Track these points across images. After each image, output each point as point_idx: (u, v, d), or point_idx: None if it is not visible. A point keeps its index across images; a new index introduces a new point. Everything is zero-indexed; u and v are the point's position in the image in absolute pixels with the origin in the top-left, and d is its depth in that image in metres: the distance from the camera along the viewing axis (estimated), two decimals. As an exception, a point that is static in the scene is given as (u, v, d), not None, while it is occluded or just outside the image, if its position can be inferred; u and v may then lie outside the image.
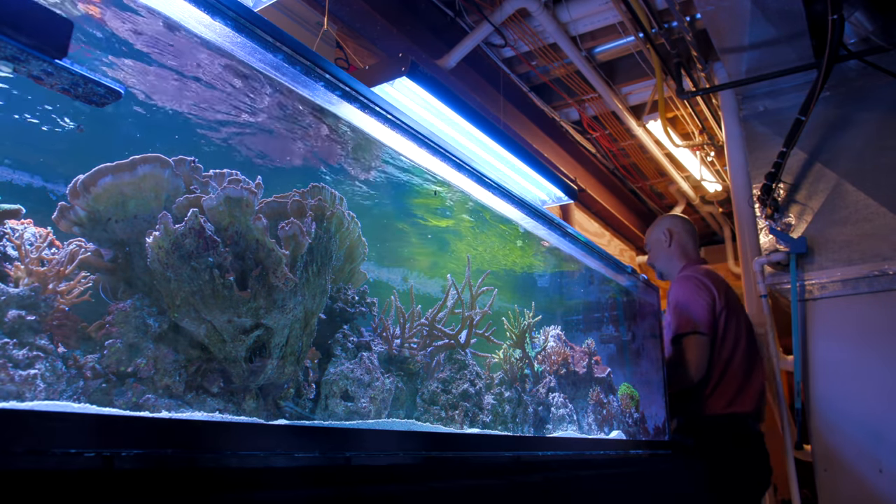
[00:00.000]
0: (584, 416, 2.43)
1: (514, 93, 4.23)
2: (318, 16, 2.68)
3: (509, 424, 1.94)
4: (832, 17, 2.65)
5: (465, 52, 3.44)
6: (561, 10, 3.61)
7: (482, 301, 1.93)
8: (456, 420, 1.70)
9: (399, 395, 1.63)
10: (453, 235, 2.80)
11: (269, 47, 1.26)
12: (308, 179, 1.43)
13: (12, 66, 0.83)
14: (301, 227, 1.26)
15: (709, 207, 6.18)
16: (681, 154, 5.03)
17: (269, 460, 1.04)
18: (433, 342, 1.80)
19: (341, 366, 1.44)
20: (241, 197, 1.19)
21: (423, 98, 2.29)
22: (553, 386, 2.30)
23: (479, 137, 2.52)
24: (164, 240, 1.12)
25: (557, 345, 2.48)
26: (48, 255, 1.16)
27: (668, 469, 2.45)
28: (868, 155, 3.43)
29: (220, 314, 1.17)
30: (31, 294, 1.07)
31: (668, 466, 2.49)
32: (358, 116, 1.53)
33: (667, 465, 2.50)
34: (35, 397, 0.98)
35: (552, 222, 2.36)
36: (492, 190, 2.04)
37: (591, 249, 2.67)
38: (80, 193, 1.18)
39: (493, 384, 1.98)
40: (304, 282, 1.29)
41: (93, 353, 1.12)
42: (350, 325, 1.57)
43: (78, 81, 0.89)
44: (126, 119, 1.52)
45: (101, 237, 1.23)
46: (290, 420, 1.29)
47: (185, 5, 1.13)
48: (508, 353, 2.17)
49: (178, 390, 1.13)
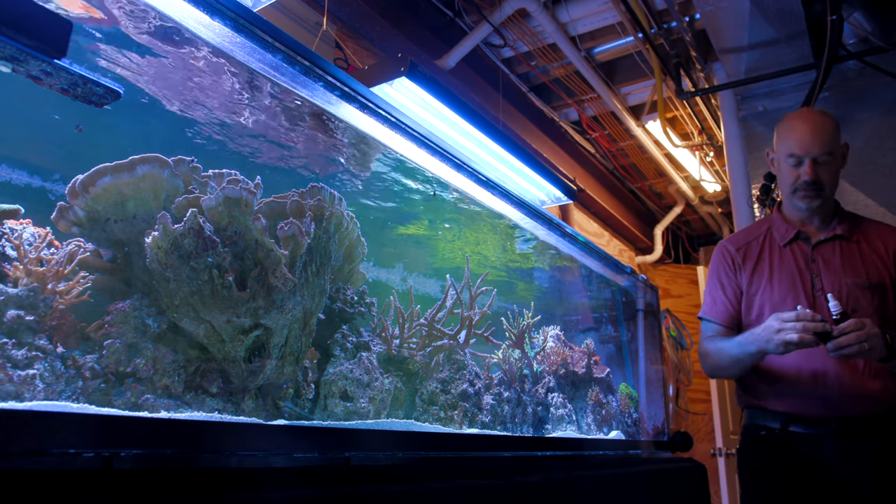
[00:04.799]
0: (583, 416, 2.44)
1: (513, 93, 4.23)
2: (318, 16, 2.68)
3: (508, 424, 1.95)
4: (831, 17, 2.65)
5: (464, 52, 3.44)
6: (560, 11, 3.62)
7: (481, 301, 1.93)
8: (455, 420, 1.70)
9: (398, 396, 1.63)
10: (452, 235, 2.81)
11: (269, 47, 1.26)
12: (307, 179, 1.44)
13: (11, 66, 0.83)
14: (300, 227, 1.26)
15: (708, 207, 6.18)
16: (680, 154, 5.03)
17: (268, 460, 1.04)
18: (432, 342, 1.80)
19: (340, 366, 1.44)
20: (240, 197, 1.19)
21: (422, 98, 2.29)
22: (552, 386, 2.30)
23: (479, 137, 2.52)
24: (163, 240, 1.12)
25: (556, 345, 2.49)
26: (47, 255, 1.16)
27: (668, 469, 2.46)
28: (867, 155, 3.43)
29: (219, 314, 1.17)
30: (29, 294, 1.07)
31: (668, 466, 2.49)
32: (357, 116, 1.53)
33: (666, 465, 2.50)
34: (34, 397, 0.98)
35: (551, 222, 2.36)
36: (491, 190, 2.05)
37: (591, 249, 2.68)
38: (79, 193, 1.18)
39: (493, 384, 1.98)
40: (303, 282, 1.29)
41: (92, 353, 1.12)
42: (349, 325, 1.57)
43: (77, 81, 0.89)
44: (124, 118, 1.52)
45: (101, 237, 1.23)
46: (289, 420, 1.30)
47: (185, 5, 1.13)
48: (507, 354, 2.18)
49: (177, 390, 1.13)
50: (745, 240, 2.06)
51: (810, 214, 1.93)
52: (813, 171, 1.83)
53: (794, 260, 1.93)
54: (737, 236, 2.11)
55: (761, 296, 1.95)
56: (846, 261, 1.87)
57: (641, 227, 6.30)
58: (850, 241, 1.89)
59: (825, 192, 1.86)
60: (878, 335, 1.58)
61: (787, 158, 1.87)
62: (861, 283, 1.82)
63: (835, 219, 1.93)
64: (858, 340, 1.55)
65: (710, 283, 2.09)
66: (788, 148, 1.87)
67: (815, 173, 1.83)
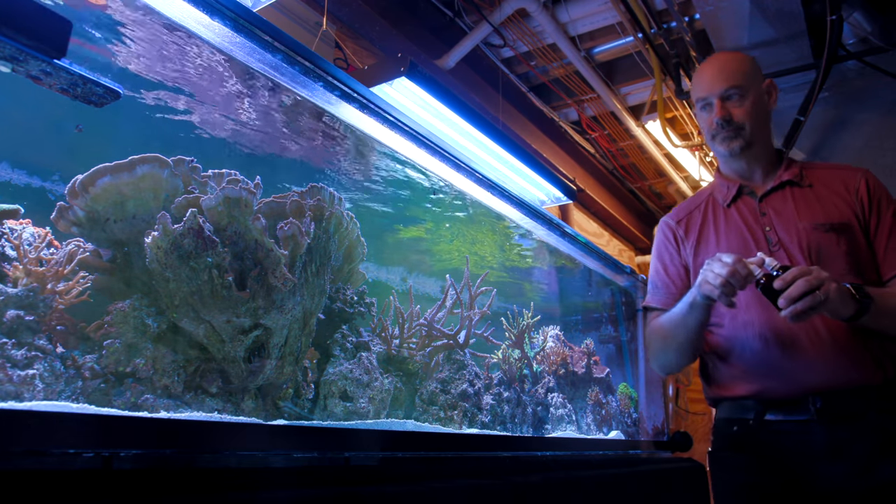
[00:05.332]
0: (582, 416, 2.44)
1: (513, 93, 4.23)
2: (318, 16, 2.68)
3: (508, 424, 1.95)
4: (831, 17, 2.65)
5: (464, 52, 3.44)
6: (560, 11, 3.62)
7: (481, 301, 1.93)
8: (455, 420, 1.70)
9: (398, 395, 1.63)
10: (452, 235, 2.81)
11: (269, 47, 1.26)
12: (307, 179, 1.44)
13: (11, 66, 0.83)
14: (300, 227, 1.26)
15: (708, 208, 6.18)
16: (680, 154, 5.03)
17: (267, 460, 1.04)
18: (432, 342, 1.81)
19: (340, 366, 1.44)
20: (239, 197, 1.19)
21: (422, 98, 2.29)
22: (552, 386, 2.30)
23: (479, 138, 2.52)
24: (162, 240, 1.12)
25: (556, 345, 2.49)
26: (47, 255, 1.16)
27: (668, 469, 2.46)
28: (867, 155, 3.43)
29: (218, 314, 1.17)
30: (29, 294, 1.07)
31: (668, 466, 2.50)
32: (357, 116, 1.53)
33: (666, 465, 2.50)
34: (34, 397, 0.98)
35: (551, 222, 2.36)
36: (491, 190, 2.05)
37: (590, 249, 2.68)
38: (79, 193, 1.18)
39: (492, 384, 1.98)
40: (302, 282, 1.29)
41: (91, 353, 1.12)
42: (349, 325, 1.57)
43: (77, 81, 0.89)
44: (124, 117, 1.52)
45: (100, 237, 1.23)
46: (288, 420, 1.29)
47: (184, 5, 1.13)
48: (507, 354, 2.18)
49: (176, 390, 1.13)
50: (687, 210, 1.80)
51: (745, 164, 1.67)
52: (722, 109, 1.61)
53: (742, 217, 1.66)
54: (677, 209, 1.85)
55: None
56: (801, 206, 1.60)
57: (641, 227, 6.30)
58: (803, 186, 1.63)
59: (745, 130, 1.61)
60: (831, 280, 1.30)
61: (700, 107, 1.67)
62: (822, 226, 1.54)
63: (780, 167, 1.68)
64: (809, 286, 1.28)
65: (652, 268, 1.84)
66: (696, 94, 1.67)
67: (724, 110, 1.61)
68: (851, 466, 1.42)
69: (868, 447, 1.41)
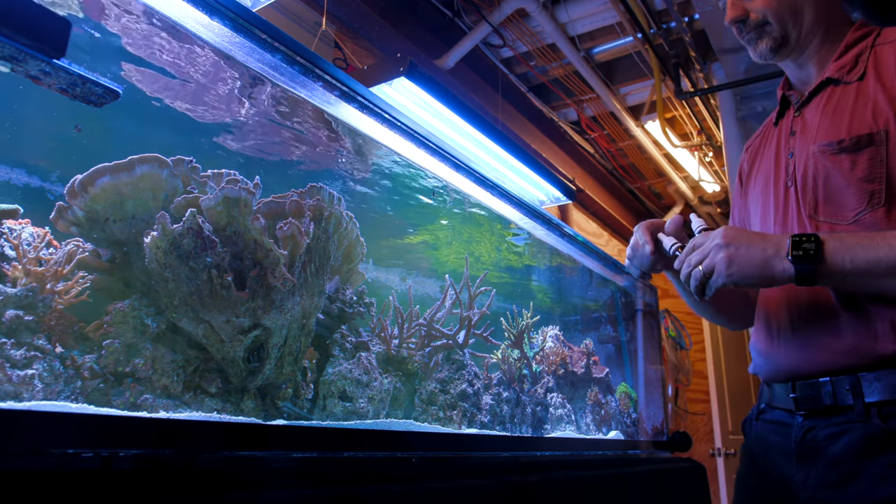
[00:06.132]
0: (582, 416, 2.44)
1: (512, 93, 4.23)
2: (317, 16, 2.68)
3: (507, 424, 1.95)
4: (830, 17, 2.64)
5: (463, 52, 3.44)
6: (559, 11, 3.62)
7: (480, 301, 1.93)
8: (454, 420, 1.70)
9: (397, 396, 1.63)
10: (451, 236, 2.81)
11: (268, 47, 1.26)
12: (306, 179, 1.44)
13: (10, 65, 0.82)
14: (299, 227, 1.26)
15: (707, 208, 6.18)
16: (679, 154, 5.04)
17: (267, 460, 1.04)
18: (431, 342, 1.81)
19: (339, 366, 1.44)
20: (238, 197, 1.19)
21: (421, 98, 2.29)
22: (551, 386, 2.30)
23: (478, 138, 2.52)
24: (161, 240, 1.12)
25: (555, 345, 2.49)
26: (46, 255, 1.16)
27: (667, 469, 2.46)
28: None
29: (218, 314, 1.17)
30: (28, 294, 1.07)
31: (667, 466, 2.50)
32: (356, 116, 1.53)
33: (666, 465, 2.50)
34: (33, 397, 0.98)
35: (550, 222, 2.36)
36: (490, 190, 2.04)
37: (590, 249, 2.68)
38: (78, 193, 1.18)
39: (492, 384, 1.98)
40: (302, 282, 1.29)
41: (91, 353, 1.12)
42: (348, 325, 1.57)
43: (76, 81, 0.89)
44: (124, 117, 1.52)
45: (99, 237, 1.23)
46: (288, 420, 1.29)
47: (184, 5, 1.13)
48: (506, 354, 2.18)
49: (176, 390, 1.13)
50: (759, 133, 1.41)
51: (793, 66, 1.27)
52: (733, 7, 1.25)
53: (777, 142, 1.28)
54: (758, 131, 1.43)
55: (753, 212, 1.34)
56: (829, 115, 1.15)
57: (640, 228, 6.29)
58: (849, 83, 1.15)
59: (771, 25, 1.21)
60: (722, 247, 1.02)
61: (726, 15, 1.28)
62: (831, 146, 1.10)
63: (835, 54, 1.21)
64: (689, 266, 1.06)
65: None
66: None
67: (736, 9, 1.24)
68: (824, 473, 1.07)
69: (847, 450, 1.05)
